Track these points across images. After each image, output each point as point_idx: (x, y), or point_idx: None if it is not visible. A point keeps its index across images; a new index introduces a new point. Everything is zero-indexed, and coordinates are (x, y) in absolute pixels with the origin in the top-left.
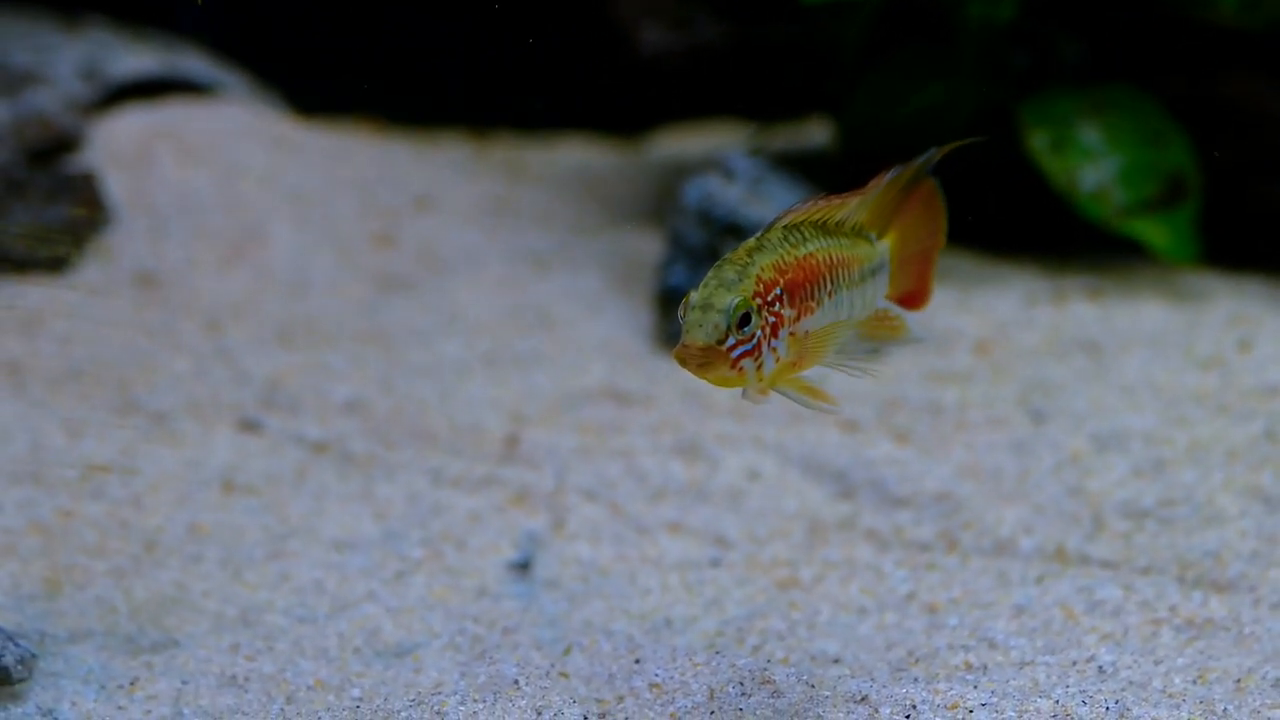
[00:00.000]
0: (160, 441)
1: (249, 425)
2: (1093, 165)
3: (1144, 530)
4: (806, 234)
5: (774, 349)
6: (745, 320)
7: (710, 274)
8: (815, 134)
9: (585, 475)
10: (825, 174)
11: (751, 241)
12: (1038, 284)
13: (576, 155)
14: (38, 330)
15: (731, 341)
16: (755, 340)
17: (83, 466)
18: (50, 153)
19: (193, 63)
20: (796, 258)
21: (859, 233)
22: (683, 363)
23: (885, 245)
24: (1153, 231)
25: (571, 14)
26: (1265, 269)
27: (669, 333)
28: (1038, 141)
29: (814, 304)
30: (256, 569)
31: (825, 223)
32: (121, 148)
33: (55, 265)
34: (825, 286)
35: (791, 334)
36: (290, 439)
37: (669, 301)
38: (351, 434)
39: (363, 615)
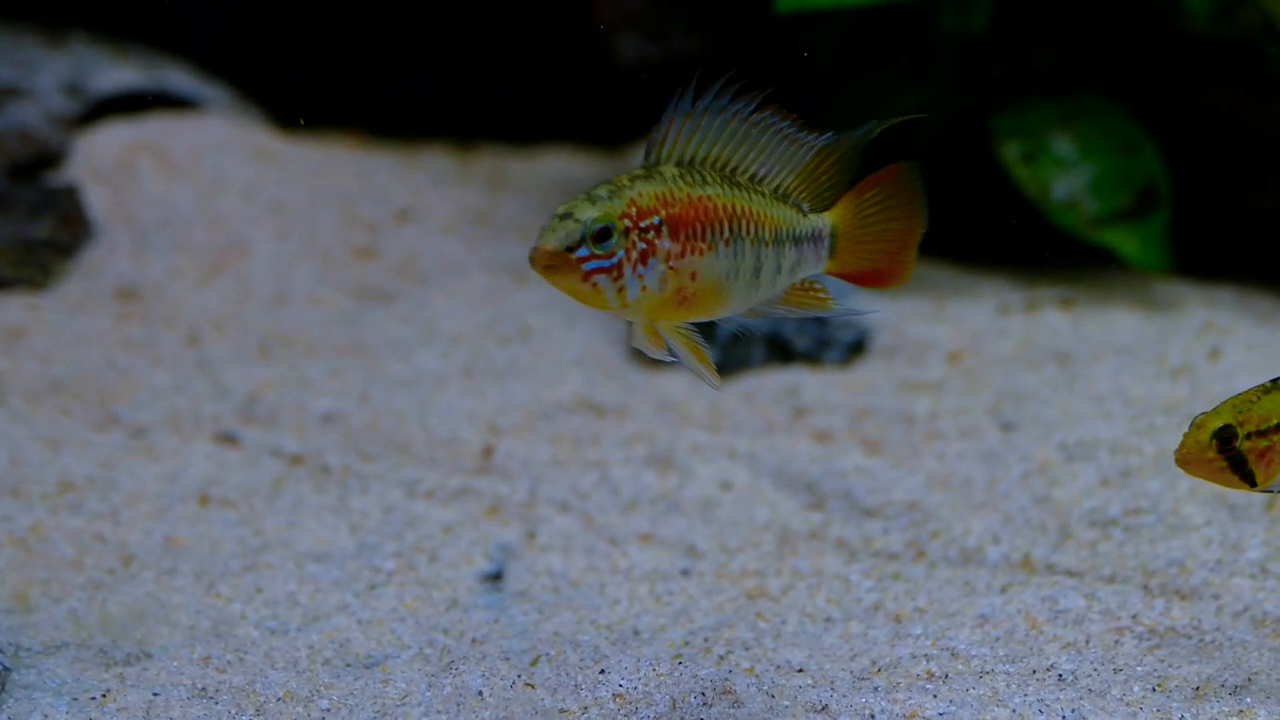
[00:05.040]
0: (139, 455)
1: (227, 438)
2: (1065, 175)
3: (1110, 539)
4: (708, 177)
5: (640, 276)
6: (604, 235)
7: (584, 192)
8: None
9: (559, 486)
10: None
11: (640, 170)
12: (1010, 294)
13: (558, 166)
14: (18, 345)
15: (584, 253)
16: (615, 260)
17: (61, 480)
18: (32, 167)
19: (176, 77)
20: (689, 195)
21: (784, 197)
22: (532, 264)
23: (824, 221)
24: (1124, 241)
25: (551, 26)
26: (1237, 277)
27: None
28: (1010, 152)
29: (705, 245)
30: (230, 581)
31: (734, 174)
32: (103, 162)
33: (36, 280)
34: (722, 233)
35: (672, 269)
36: (268, 452)
37: None
38: (328, 446)
39: (334, 627)
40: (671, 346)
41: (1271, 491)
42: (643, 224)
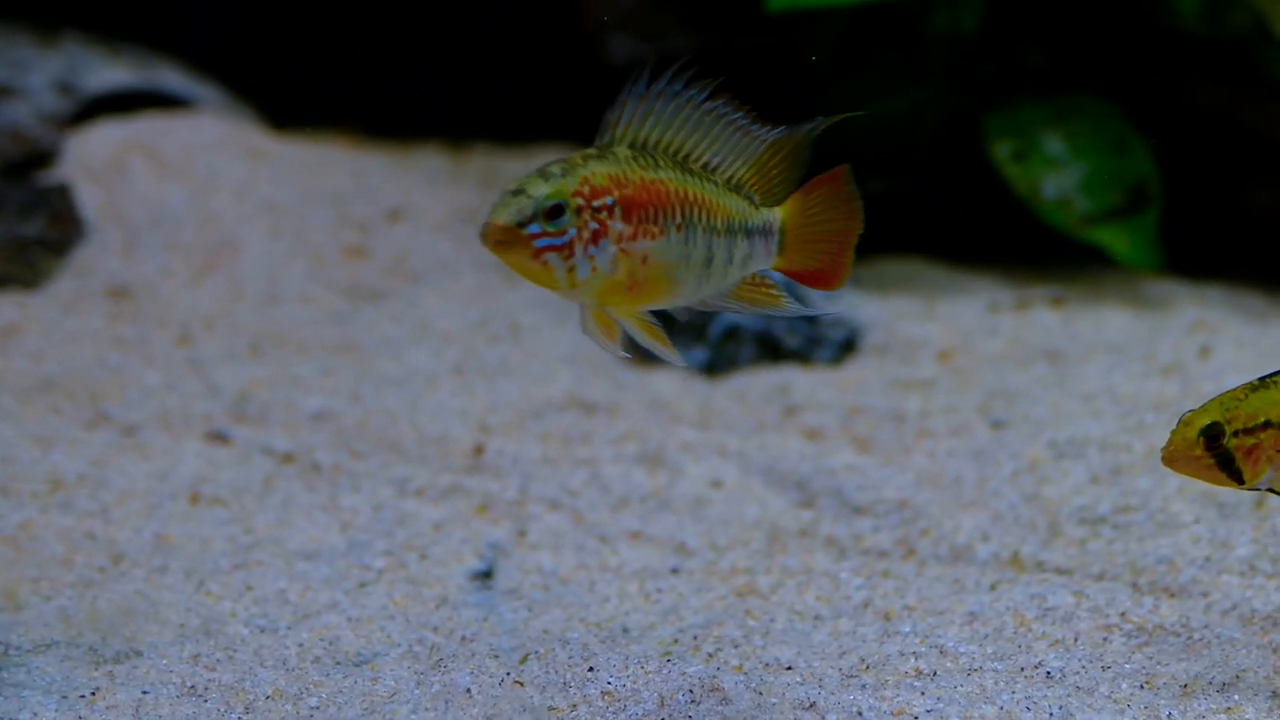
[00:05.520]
0: (129, 453)
1: (218, 437)
2: (1056, 174)
3: (1099, 536)
4: (660, 162)
5: (592, 257)
6: (557, 212)
7: (536, 169)
8: None
9: (549, 484)
10: None
11: (593, 150)
12: (1002, 292)
13: None
14: (9, 343)
15: (536, 229)
16: (567, 238)
17: (51, 478)
18: (24, 166)
19: (168, 76)
20: (642, 178)
21: (736, 188)
22: (483, 240)
23: (775, 215)
24: (1115, 239)
25: (545, 26)
26: (1228, 276)
27: (633, 340)
28: (1001, 151)
29: (657, 229)
30: (221, 579)
31: (686, 161)
32: (95, 161)
33: (27, 279)
34: (674, 218)
35: (624, 251)
36: (258, 450)
37: None
38: (319, 445)
39: (324, 625)
40: (625, 328)
41: (1259, 489)
42: (595, 203)
